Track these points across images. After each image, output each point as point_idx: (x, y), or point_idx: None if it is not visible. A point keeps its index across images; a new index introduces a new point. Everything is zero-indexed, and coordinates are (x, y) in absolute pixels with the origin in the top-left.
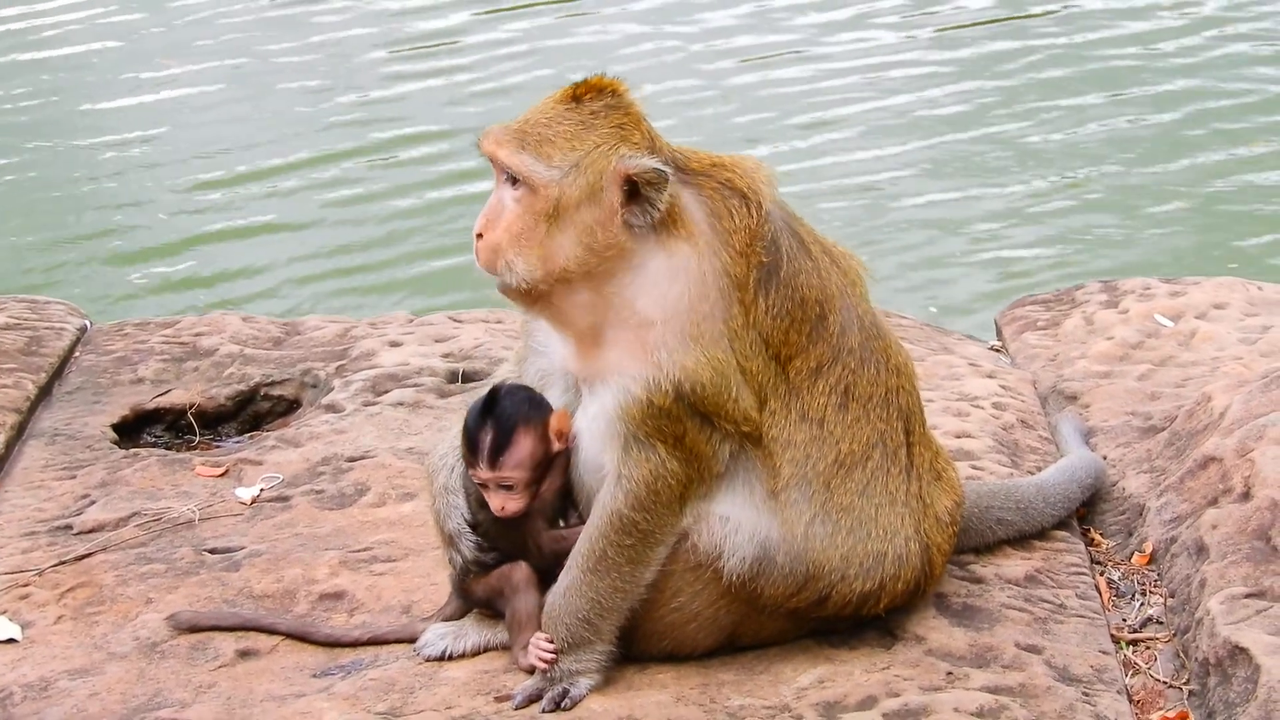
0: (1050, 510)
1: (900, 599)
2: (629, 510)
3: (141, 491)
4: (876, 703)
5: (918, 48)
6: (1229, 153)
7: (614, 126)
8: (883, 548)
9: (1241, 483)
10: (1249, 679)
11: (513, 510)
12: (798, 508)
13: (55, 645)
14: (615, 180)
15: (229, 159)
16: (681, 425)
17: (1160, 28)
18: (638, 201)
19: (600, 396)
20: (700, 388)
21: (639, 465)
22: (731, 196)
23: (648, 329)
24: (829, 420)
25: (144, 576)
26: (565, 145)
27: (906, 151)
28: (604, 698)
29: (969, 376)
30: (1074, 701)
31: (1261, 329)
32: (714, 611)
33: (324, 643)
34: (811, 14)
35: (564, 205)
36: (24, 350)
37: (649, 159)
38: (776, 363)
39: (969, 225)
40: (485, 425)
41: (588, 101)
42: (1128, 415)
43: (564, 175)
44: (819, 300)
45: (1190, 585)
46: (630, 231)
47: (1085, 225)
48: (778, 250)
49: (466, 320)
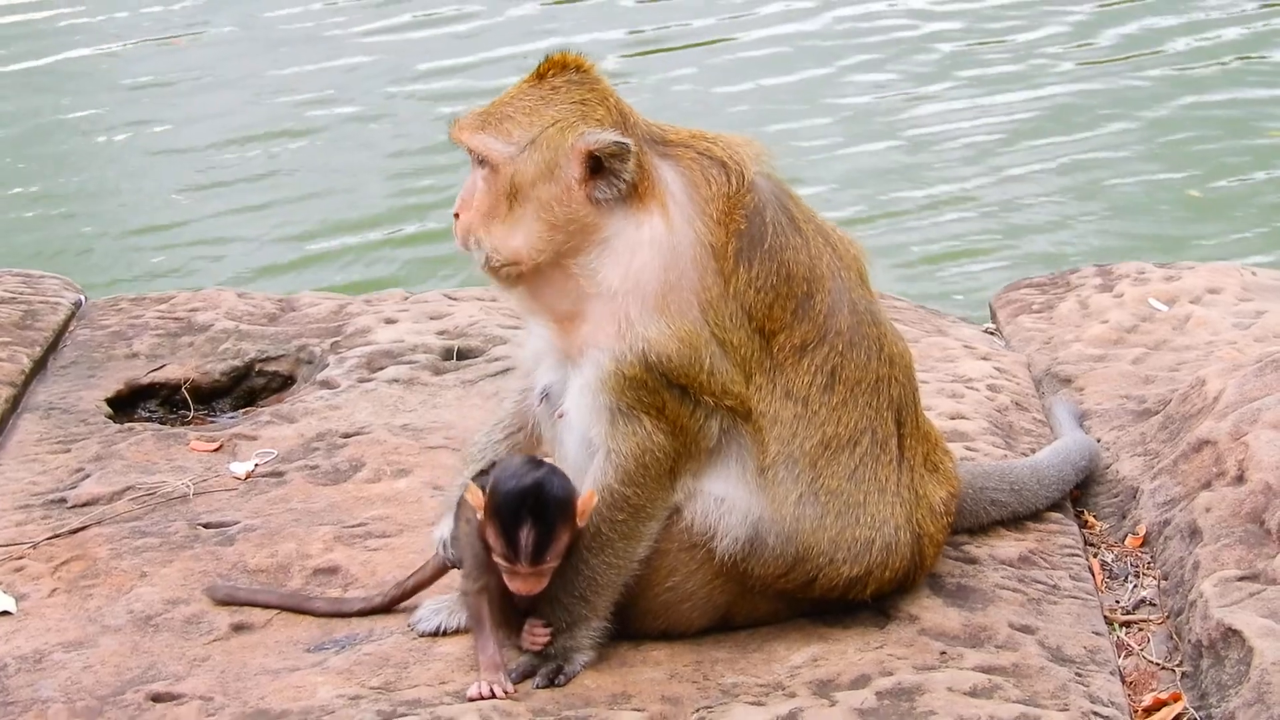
0: (1044, 492)
1: (888, 586)
2: (619, 485)
3: (136, 466)
4: (870, 681)
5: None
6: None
7: (574, 103)
8: (871, 535)
9: (1235, 466)
10: (1242, 661)
11: (537, 591)
12: (784, 486)
13: (49, 618)
14: (574, 156)
15: (228, 134)
16: (659, 396)
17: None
18: (603, 176)
19: (582, 371)
20: (667, 358)
21: (626, 439)
22: (711, 165)
23: (617, 301)
24: (813, 400)
25: (138, 550)
26: (524, 122)
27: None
28: (598, 674)
29: (964, 358)
30: (1067, 682)
31: (1255, 314)
32: (708, 591)
33: (357, 614)
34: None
35: (521, 182)
36: (19, 324)
37: (608, 133)
38: (761, 336)
39: (967, 207)
40: (526, 523)
41: (550, 78)
42: (1122, 398)
43: (520, 152)
44: (806, 278)
45: (1183, 568)
46: (597, 207)
47: (1081, 212)
48: (762, 221)
49: (461, 298)
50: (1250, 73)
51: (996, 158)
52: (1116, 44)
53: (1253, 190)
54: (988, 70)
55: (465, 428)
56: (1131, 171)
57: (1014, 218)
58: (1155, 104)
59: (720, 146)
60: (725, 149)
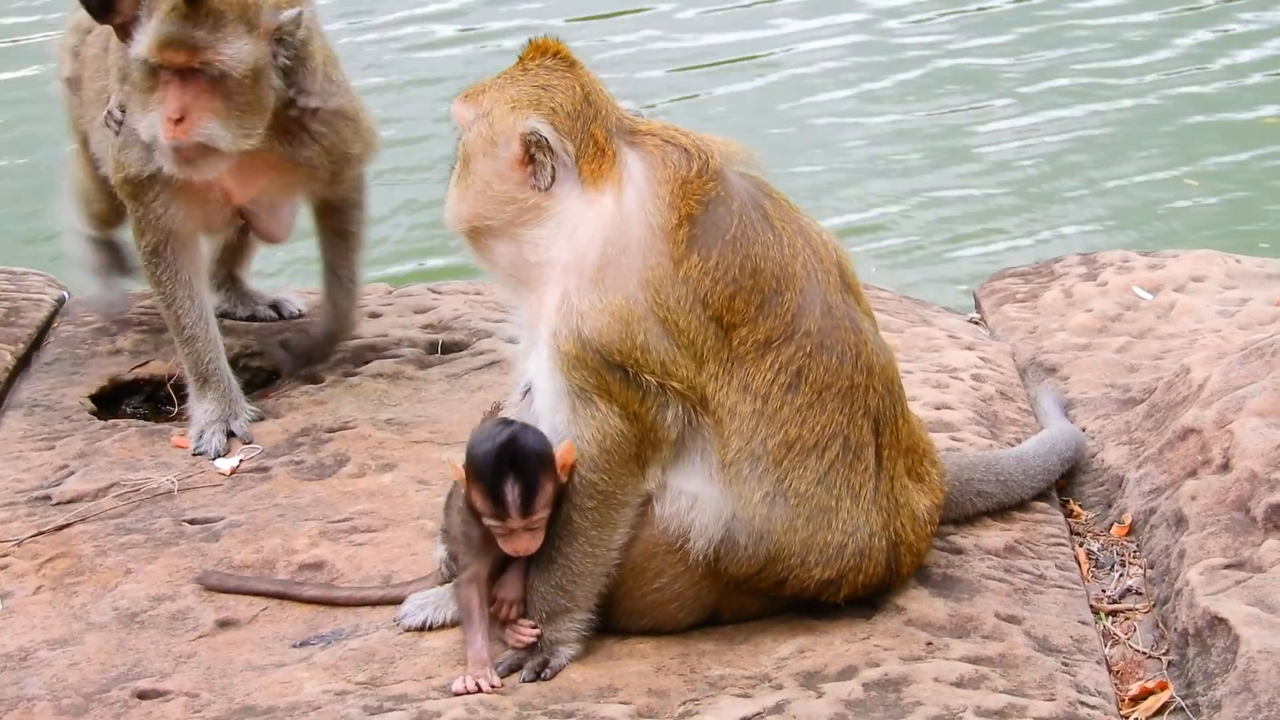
0: (1030, 482)
1: (862, 590)
2: (586, 471)
3: (120, 462)
4: (857, 672)
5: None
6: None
7: (537, 86)
8: (843, 540)
9: (1221, 454)
10: (1228, 649)
11: (535, 549)
12: (749, 484)
13: (34, 615)
14: (513, 138)
15: None
16: (602, 378)
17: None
18: (534, 162)
19: (537, 347)
20: (599, 333)
21: (586, 424)
22: (672, 151)
23: (562, 275)
24: (774, 398)
25: (123, 547)
26: (486, 98)
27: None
28: (584, 667)
29: (948, 348)
30: (1053, 671)
31: (1239, 301)
32: (695, 591)
33: (346, 603)
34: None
35: (470, 151)
36: (2, 321)
37: (536, 120)
38: (718, 325)
39: (951, 198)
40: (509, 477)
41: (527, 61)
42: (1107, 387)
43: (473, 123)
44: (776, 275)
45: (1169, 556)
46: (539, 190)
47: (1065, 199)
48: (727, 211)
49: (446, 291)
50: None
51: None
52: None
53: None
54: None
55: (451, 421)
56: (1126, 159)
57: (998, 206)
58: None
59: (688, 137)
60: (693, 139)
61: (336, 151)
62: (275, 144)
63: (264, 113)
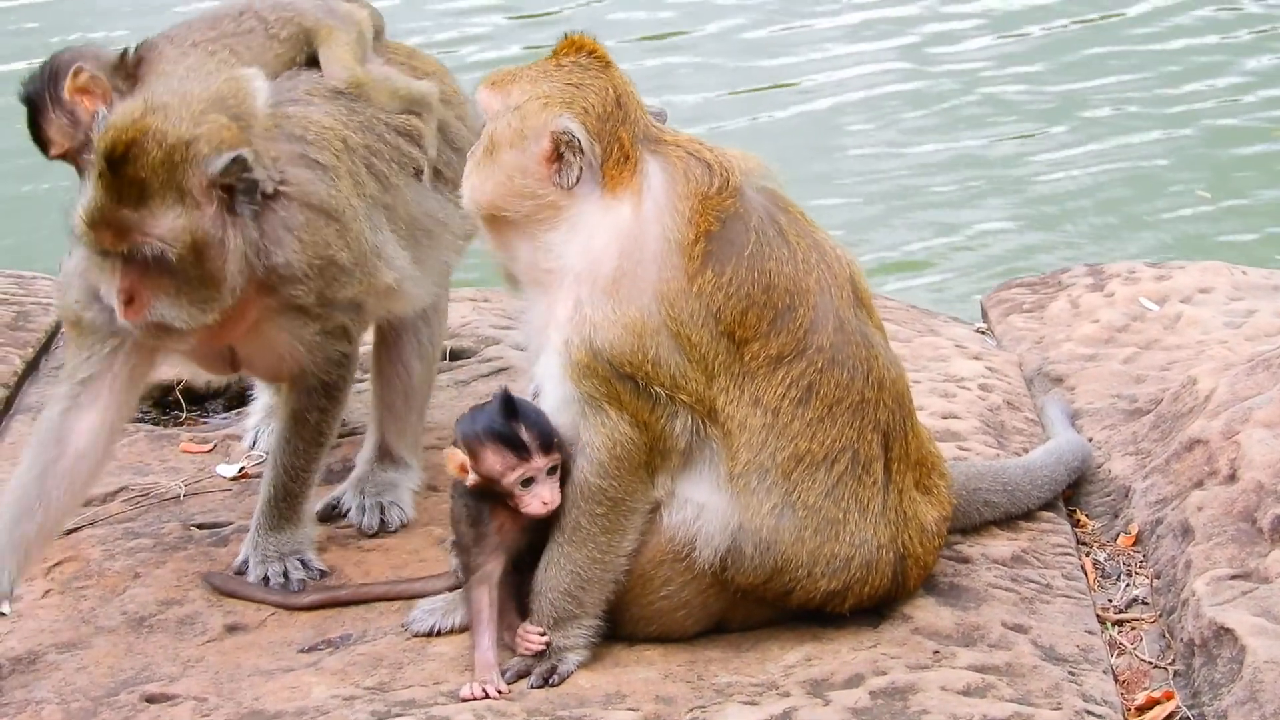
0: (1037, 492)
1: (868, 602)
2: (595, 478)
3: (129, 467)
4: (863, 681)
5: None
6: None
7: (570, 84)
8: (850, 552)
9: (1227, 465)
10: (1234, 660)
11: (558, 501)
12: (757, 495)
13: (43, 619)
14: (543, 134)
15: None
16: (613, 387)
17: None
18: (562, 160)
19: (546, 351)
20: (611, 345)
21: (597, 431)
22: (696, 165)
23: (575, 283)
24: (785, 411)
25: (131, 551)
26: (520, 89)
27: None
28: (592, 674)
29: (955, 358)
30: (1060, 681)
31: (1246, 313)
32: (703, 599)
33: (349, 601)
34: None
35: (494, 141)
36: (11, 325)
37: (569, 120)
38: (730, 340)
39: (959, 208)
40: (517, 421)
41: (562, 56)
42: (1113, 398)
43: (502, 113)
44: (790, 290)
45: (1176, 566)
46: (563, 189)
47: (1078, 209)
48: (744, 228)
49: (454, 299)
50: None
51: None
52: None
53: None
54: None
55: None
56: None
57: (1006, 216)
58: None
59: (712, 151)
60: (716, 154)
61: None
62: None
63: (222, 282)
